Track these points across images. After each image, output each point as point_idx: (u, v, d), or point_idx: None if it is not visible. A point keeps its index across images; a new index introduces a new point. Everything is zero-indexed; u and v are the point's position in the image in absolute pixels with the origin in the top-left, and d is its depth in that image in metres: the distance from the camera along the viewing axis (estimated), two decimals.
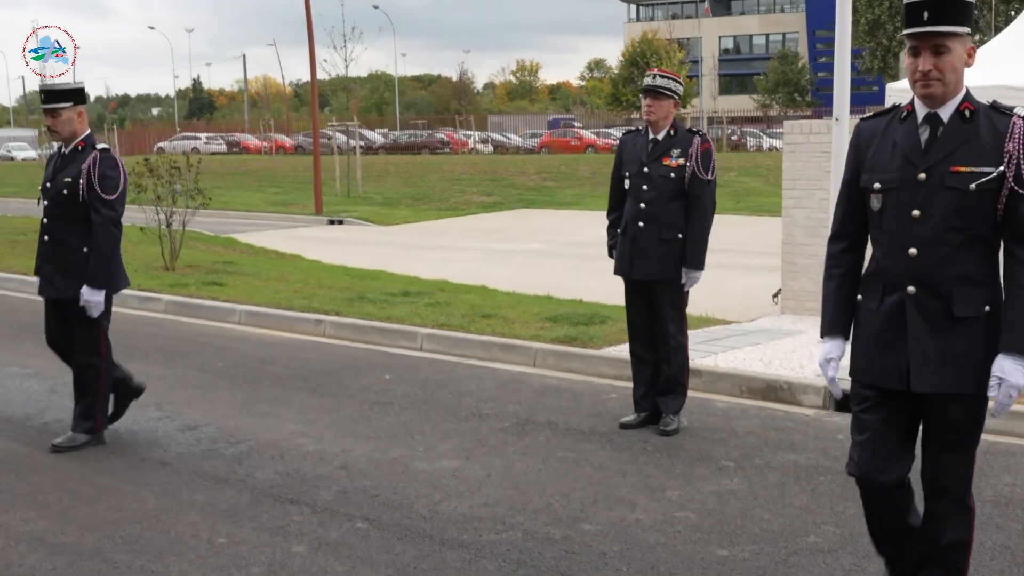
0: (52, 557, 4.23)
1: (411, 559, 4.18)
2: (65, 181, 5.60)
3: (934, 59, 3.06)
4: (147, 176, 12.81)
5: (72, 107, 5.67)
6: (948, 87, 3.09)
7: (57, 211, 5.67)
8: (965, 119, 3.12)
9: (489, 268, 13.41)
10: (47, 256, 5.73)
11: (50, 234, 5.71)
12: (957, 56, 3.08)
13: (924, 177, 3.11)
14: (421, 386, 7.11)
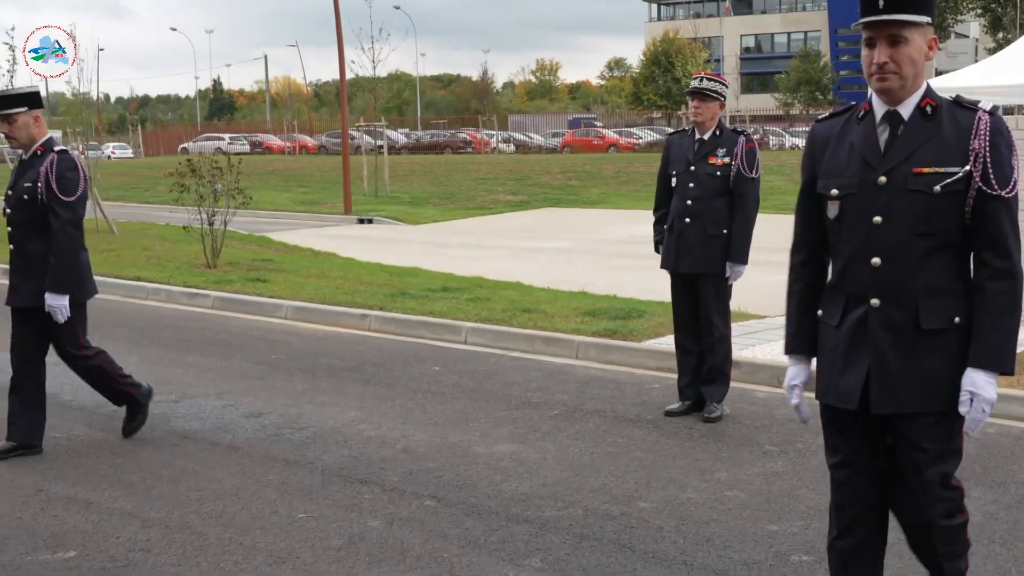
0: (145, 530, 4.53)
1: (480, 532, 4.46)
2: (25, 187, 5.46)
3: (890, 50, 2.85)
4: (189, 176, 13.16)
5: (28, 112, 5.51)
6: (906, 81, 2.88)
7: (20, 218, 5.51)
8: (927, 116, 2.91)
9: (521, 265, 13.68)
10: (15, 266, 5.59)
11: (15, 242, 5.55)
12: (915, 47, 2.86)
13: (884, 181, 2.90)
14: (470, 377, 7.40)
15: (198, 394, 6.94)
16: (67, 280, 5.49)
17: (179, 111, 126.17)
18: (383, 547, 4.31)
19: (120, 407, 6.07)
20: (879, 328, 2.94)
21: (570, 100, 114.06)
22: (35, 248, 5.49)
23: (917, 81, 2.90)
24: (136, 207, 25.69)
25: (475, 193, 27.66)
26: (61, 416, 6.41)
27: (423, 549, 4.29)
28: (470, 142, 53.94)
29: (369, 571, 4.08)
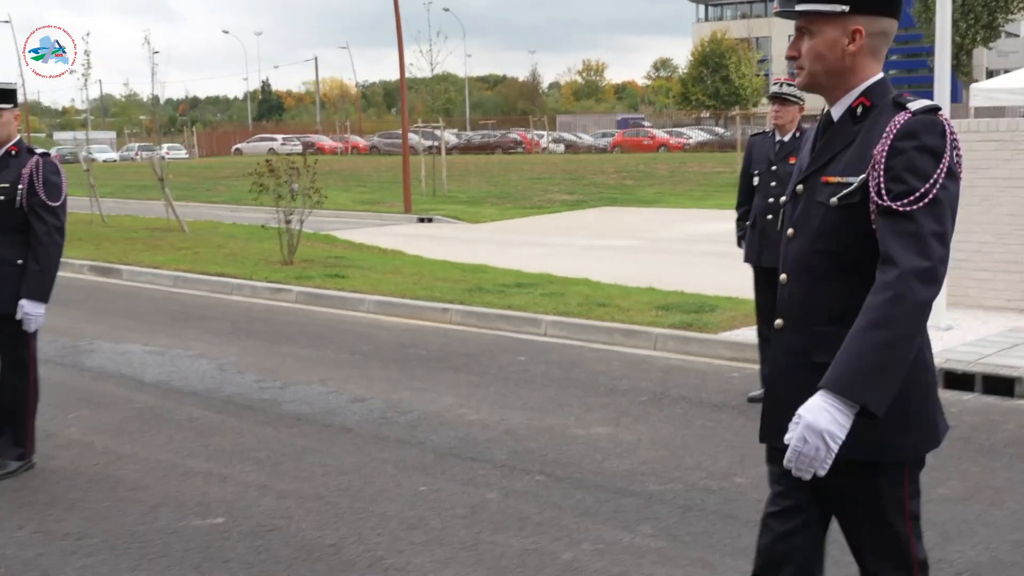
0: (281, 501, 4.94)
1: (592, 503, 4.82)
2: (4, 187, 5.21)
3: (799, 43, 2.55)
4: (268, 176, 13.65)
5: (11, 109, 5.29)
6: (817, 78, 2.54)
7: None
8: (855, 118, 2.52)
9: (586, 262, 14.00)
10: None
11: None
12: (824, 40, 2.49)
13: (800, 189, 2.61)
14: (556, 366, 7.77)
15: (301, 381, 7.36)
16: (48, 288, 5.30)
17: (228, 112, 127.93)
18: (504, 515, 4.69)
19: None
20: (779, 352, 2.64)
21: (616, 100, 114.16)
22: (7, 254, 5.24)
23: (847, 78, 2.51)
24: (198, 206, 26.30)
25: (531, 192, 28.01)
26: (178, 400, 6.86)
27: (541, 517, 4.66)
28: (520, 142, 54.37)
29: (495, 536, 4.46)
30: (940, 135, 2.39)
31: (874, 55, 2.51)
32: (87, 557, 4.31)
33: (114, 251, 14.90)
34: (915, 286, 2.30)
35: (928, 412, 2.53)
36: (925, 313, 2.34)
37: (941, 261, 2.35)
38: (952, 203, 2.39)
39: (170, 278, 12.67)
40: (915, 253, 2.33)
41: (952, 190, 2.39)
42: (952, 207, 2.40)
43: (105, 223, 19.36)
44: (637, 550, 4.29)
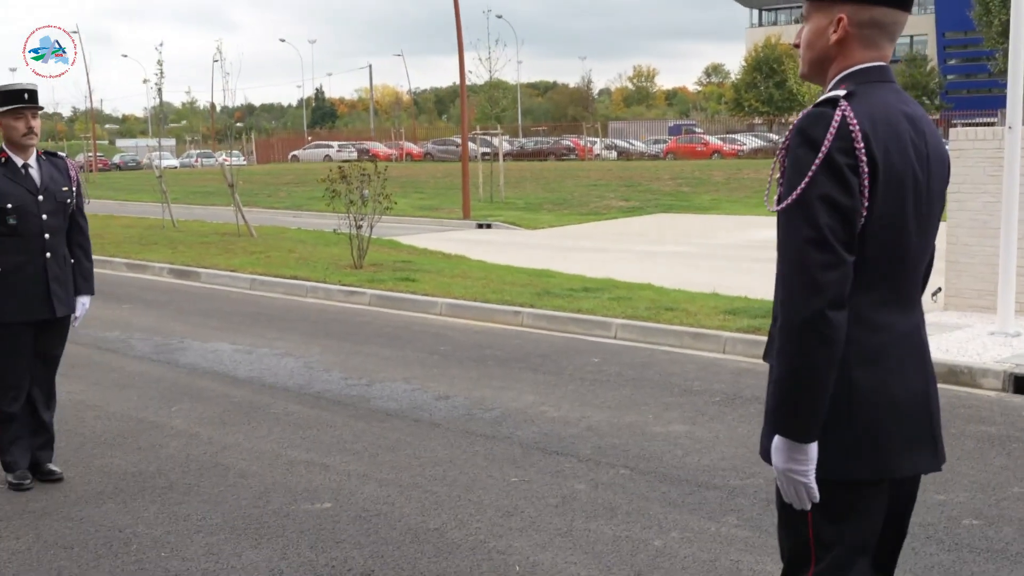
0: (382, 488, 5.26)
1: (677, 495, 5.09)
2: (63, 191, 5.40)
3: (801, 32, 2.50)
4: (340, 182, 14.05)
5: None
6: (808, 67, 2.46)
7: (58, 224, 5.38)
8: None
9: (647, 268, 14.23)
10: (54, 273, 5.34)
11: (52, 250, 5.35)
12: (813, 28, 2.42)
13: None
14: (629, 368, 8.03)
15: (386, 379, 7.69)
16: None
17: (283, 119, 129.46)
18: (594, 505, 4.97)
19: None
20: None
21: (667, 106, 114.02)
22: (66, 253, 5.44)
23: (831, 67, 2.41)
24: (261, 212, 26.87)
25: (587, 199, 28.28)
26: (272, 395, 7.22)
27: (630, 507, 4.93)
28: (573, 149, 54.60)
29: (587, 524, 4.73)
30: (822, 125, 2.22)
31: (865, 44, 2.36)
32: (210, 536, 4.65)
33: (190, 255, 15.40)
34: (792, 304, 2.22)
35: (862, 440, 2.31)
36: (818, 331, 2.18)
37: (824, 268, 2.18)
38: (836, 204, 2.18)
39: (247, 281, 13.10)
40: (789, 265, 2.24)
41: (831, 189, 2.18)
42: (842, 210, 2.19)
43: (176, 228, 19.92)
44: (724, 538, 4.54)
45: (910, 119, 2.33)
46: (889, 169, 2.24)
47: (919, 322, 2.44)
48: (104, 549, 4.52)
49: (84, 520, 4.86)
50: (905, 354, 2.36)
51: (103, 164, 63.89)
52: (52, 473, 5.44)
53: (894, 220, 2.27)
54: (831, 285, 2.18)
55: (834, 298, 2.19)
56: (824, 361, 2.21)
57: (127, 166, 64.88)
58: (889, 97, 2.33)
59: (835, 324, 2.19)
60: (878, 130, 2.24)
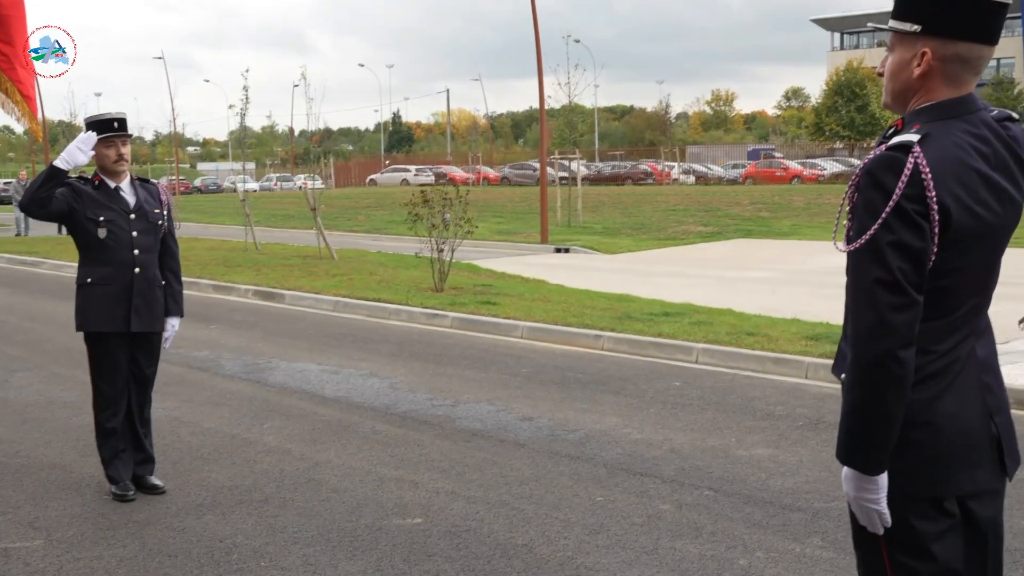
0: (471, 505, 5.39)
1: (761, 516, 5.13)
2: (155, 212, 5.66)
3: (886, 60, 2.51)
4: (422, 206, 14.30)
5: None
6: (891, 97, 2.50)
7: (149, 243, 5.62)
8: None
9: (727, 293, 14.19)
10: (139, 289, 5.55)
11: (142, 266, 5.57)
12: (898, 60, 2.44)
13: None
14: (711, 392, 8.06)
15: (471, 400, 7.84)
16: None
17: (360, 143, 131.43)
18: (679, 525, 5.04)
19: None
20: None
21: (746, 131, 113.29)
22: (156, 273, 5.65)
23: (911, 101, 2.44)
24: (341, 235, 27.29)
25: (666, 224, 28.24)
26: (360, 414, 7.41)
27: (715, 527, 4.99)
28: (651, 173, 54.56)
29: (673, 543, 4.80)
30: (893, 172, 2.25)
31: (948, 80, 2.37)
32: (307, 547, 4.82)
33: (274, 276, 15.77)
34: (863, 344, 2.29)
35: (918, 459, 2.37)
36: (888, 370, 2.26)
37: (895, 310, 2.25)
38: (908, 247, 2.24)
39: (330, 303, 13.39)
40: (861, 305, 2.30)
41: (903, 233, 2.24)
42: (913, 253, 2.25)
43: (259, 250, 20.40)
44: (809, 559, 4.58)
45: (987, 159, 2.34)
46: (960, 213, 2.27)
47: (995, 349, 2.49)
48: (206, 558, 4.71)
49: (186, 530, 5.07)
50: (959, 373, 2.39)
51: (185, 187, 65.48)
52: (155, 487, 5.67)
53: (965, 260, 2.33)
54: (902, 326, 2.25)
55: (905, 338, 2.26)
56: (893, 399, 2.28)
57: (208, 189, 66.41)
58: (965, 136, 2.33)
59: (906, 363, 2.26)
60: (949, 175, 2.27)
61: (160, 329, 5.70)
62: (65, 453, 6.50)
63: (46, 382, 8.61)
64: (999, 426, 2.44)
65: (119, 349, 5.58)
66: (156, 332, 5.69)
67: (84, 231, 5.51)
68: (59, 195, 5.39)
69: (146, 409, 5.80)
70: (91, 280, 5.51)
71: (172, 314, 5.76)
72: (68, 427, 7.09)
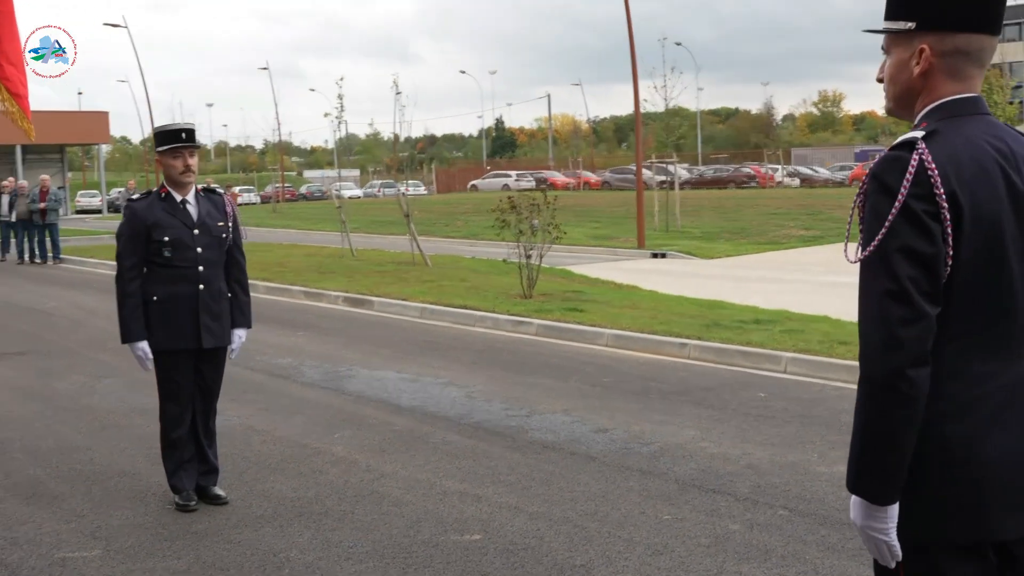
0: (532, 522, 5.21)
1: (836, 540, 4.83)
2: (219, 225, 5.56)
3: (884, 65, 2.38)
4: (509, 212, 14.19)
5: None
6: (894, 102, 2.35)
7: (215, 257, 5.56)
8: None
9: (824, 299, 13.72)
10: (205, 305, 5.49)
11: (206, 282, 5.51)
12: (896, 62, 2.30)
13: None
14: (796, 403, 7.73)
15: (546, 410, 7.66)
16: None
17: (464, 149, 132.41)
18: (747, 547, 4.78)
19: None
20: None
21: (855, 132, 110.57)
22: (221, 286, 5.59)
23: (918, 101, 2.30)
24: (438, 241, 27.38)
25: (766, 228, 27.62)
26: (433, 424, 7.30)
27: (785, 550, 4.72)
28: (754, 176, 53.58)
29: (739, 567, 4.55)
30: (898, 171, 2.11)
31: (951, 75, 2.23)
32: (359, 563, 4.71)
33: (365, 283, 15.84)
34: (872, 361, 2.11)
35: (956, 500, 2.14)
36: (898, 390, 2.07)
37: (905, 324, 2.06)
38: (918, 253, 2.07)
39: (417, 309, 13.36)
40: (868, 319, 2.12)
41: (911, 239, 2.07)
42: (925, 260, 2.07)
43: (355, 257, 20.56)
44: None
45: (1003, 154, 2.16)
46: (976, 212, 2.10)
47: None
48: (258, 572, 4.64)
49: (242, 543, 5.01)
50: (1005, 406, 2.15)
51: (291, 195, 66.77)
52: (218, 498, 5.63)
53: (988, 265, 2.12)
54: (912, 341, 2.06)
55: (916, 355, 2.06)
56: (902, 422, 2.09)
57: (313, 196, 67.52)
58: (978, 132, 2.18)
59: (916, 383, 2.07)
60: (963, 171, 2.11)
61: (228, 343, 5.66)
62: (137, 461, 6.54)
63: (130, 388, 8.72)
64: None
65: (186, 364, 5.56)
66: (224, 346, 5.66)
67: (149, 251, 5.46)
68: (134, 270, 5.45)
69: (211, 421, 5.77)
70: (157, 298, 5.45)
71: (239, 325, 5.71)
72: (143, 435, 7.14)
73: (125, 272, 5.42)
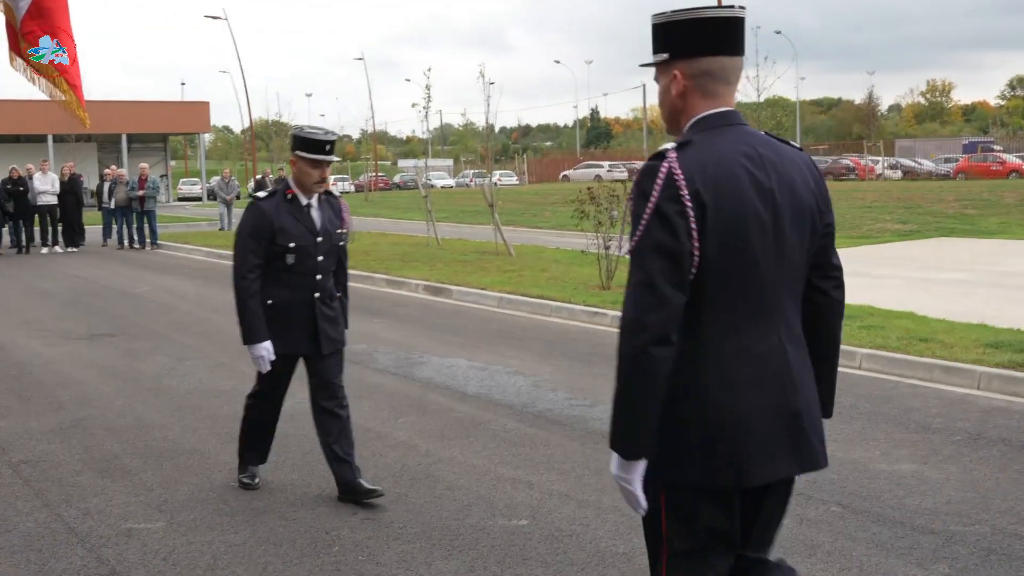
0: (580, 509, 5.25)
1: (887, 538, 4.77)
2: (339, 233, 5.51)
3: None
4: (589, 203, 14.18)
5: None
6: (667, 123, 2.72)
7: (331, 265, 5.52)
8: None
9: (914, 295, 13.42)
10: (322, 312, 5.45)
11: (323, 290, 5.46)
12: (661, 88, 2.69)
13: None
14: (866, 400, 7.60)
15: (610, 401, 7.66)
16: None
17: (558, 139, 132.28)
18: (794, 541, 4.74)
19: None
20: None
21: (964, 123, 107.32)
22: (331, 288, 5.53)
23: (681, 120, 2.65)
24: (525, 231, 27.48)
25: (860, 221, 27.04)
26: (495, 412, 7.38)
27: (832, 547, 4.67)
28: (853, 168, 52.43)
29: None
30: (651, 178, 2.46)
31: (703, 94, 2.60)
32: (407, 544, 4.81)
33: (446, 272, 16.00)
34: (623, 339, 2.47)
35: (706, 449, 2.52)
36: (640, 365, 2.42)
37: (650, 310, 2.40)
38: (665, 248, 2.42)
39: (495, 299, 13.46)
40: (625, 303, 2.48)
41: (660, 235, 2.42)
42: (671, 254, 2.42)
43: (440, 246, 20.77)
44: None
45: (750, 157, 2.52)
46: (720, 209, 2.45)
47: (781, 339, 2.60)
48: (309, 548, 4.78)
49: (297, 520, 5.16)
50: (758, 372, 2.54)
51: (384, 183, 67.52)
52: (372, 492, 5.40)
53: (736, 252, 2.48)
54: (655, 325, 2.41)
55: (658, 336, 2.41)
56: (646, 392, 2.45)
57: (407, 185, 68.27)
58: (728, 140, 2.54)
59: (658, 359, 2.42)
60: (707, 174, 2.45)
61: (344, 344, 5.60)
62: (207, 440, 6.76)
63: (209, 371, 9.00)
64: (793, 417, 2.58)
65: (293, 364, 5.55)
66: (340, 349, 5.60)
67: (271, 253, 5.32)
68: (255, 270, 5.28)
69: (349, 433, 5.55)
70: (271, 302, 5.35)
71: (346, 326, 5.72)
72: (217, 415, 7.38)
73: (246, 272, 5.26)
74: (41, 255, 22.89)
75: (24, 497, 5.59)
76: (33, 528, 5.10)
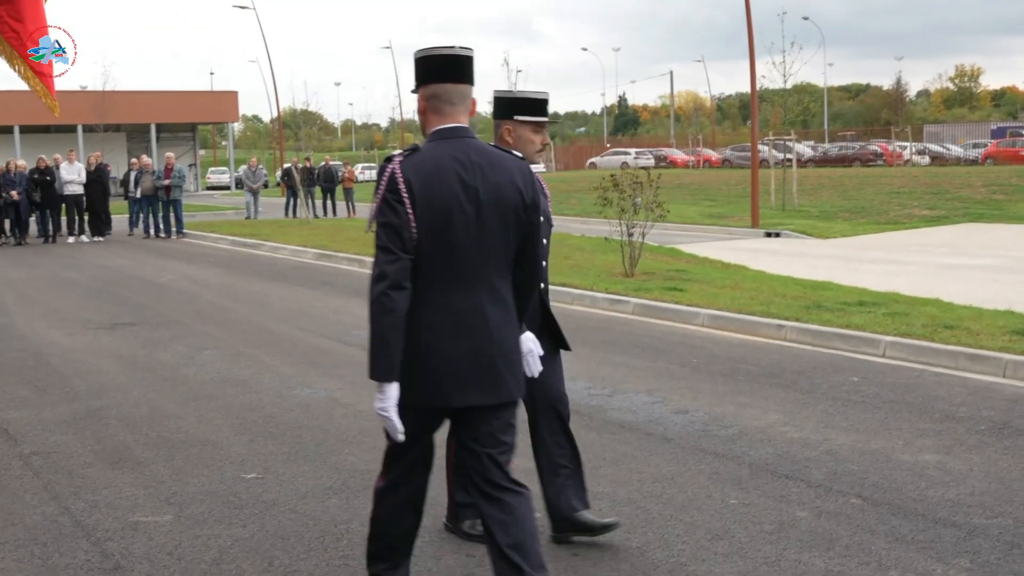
0: (595, 502, 5.11)
1: (907, 531, 4.65)
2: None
3: None
4: (612, 190, 14.04)
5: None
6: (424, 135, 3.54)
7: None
8: None
9: (940, 282, 13.23)
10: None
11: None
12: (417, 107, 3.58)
13: None
14: (890, 389, 7.47)
15: (629, 390, 7.58)
16: None
17: (586, 127, 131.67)
18: (812, 535, 4.63)
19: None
20: None
21: (993, 108, 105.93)
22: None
23: (425, 135, 3.52)
24: None
25: (887, 207, 26.75)
26: None
27: (851, 540, 4.56)
28: (881, 154, 51.88)
29: (800, 555, 4.42)
30: (381, 176, 3.37)
31: (435, 112, 3.47)
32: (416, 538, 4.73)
33: None
34: (371, 287, 3.30)
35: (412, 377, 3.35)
36: (383, 304, 3.26)
37: (386, 264, 3.27)
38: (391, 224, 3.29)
39: None
40: (374, 262, 3.33)
41: (388, 216, 3.30)
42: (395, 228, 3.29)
43: None
44: None
45: (461, 162, 3.35)
46: (428, 200, 3.30)
47: (481, 301, 3.39)
48: (316, 543, 4.71)
49: (306, 514, 5.10)
50: (459, 322, 3.37)
51: None
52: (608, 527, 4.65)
53: (440, 231, 3.32)
54: (391, 273, 3.27)
55: (394, 282, 3.27)
56: (389, 324, 3.27)
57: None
58: (447, 148, 3.39)
59: (395, 299, 3.27)
60: (422, 174, 3.32)
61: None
62: (221, 430, 6.72)
63: (228, 361, 8.97)
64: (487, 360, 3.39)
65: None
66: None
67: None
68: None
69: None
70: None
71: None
72: (232, 405, 7.34)
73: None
74: (67, 244, 23.00)
75: (32, 490, 5.56)
76: (39, 521, 5.06)
